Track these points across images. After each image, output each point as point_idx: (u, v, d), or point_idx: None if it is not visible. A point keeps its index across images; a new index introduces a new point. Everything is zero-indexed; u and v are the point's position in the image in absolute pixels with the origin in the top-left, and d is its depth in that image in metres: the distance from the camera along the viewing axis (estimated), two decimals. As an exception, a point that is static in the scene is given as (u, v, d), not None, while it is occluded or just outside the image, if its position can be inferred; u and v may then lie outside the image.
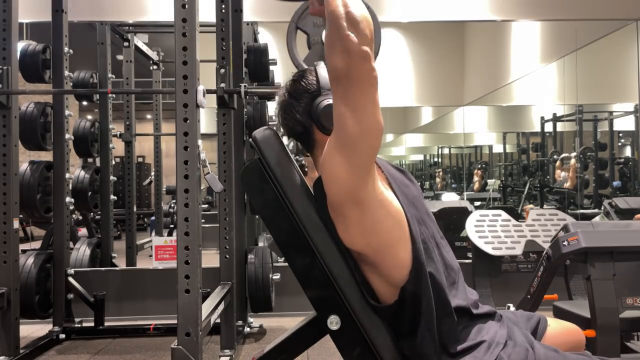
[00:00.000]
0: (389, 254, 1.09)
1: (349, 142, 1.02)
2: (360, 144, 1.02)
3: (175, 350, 1.90)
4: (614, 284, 1.96)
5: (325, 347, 2.87)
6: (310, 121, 1.18)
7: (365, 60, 0.99)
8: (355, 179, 1.04)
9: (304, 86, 1.20)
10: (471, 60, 6.73)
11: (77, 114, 7.80)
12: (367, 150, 1.03)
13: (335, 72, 1.02)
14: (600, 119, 6.33)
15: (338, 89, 1.03)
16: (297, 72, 1.24)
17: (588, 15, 4.36)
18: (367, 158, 1.04)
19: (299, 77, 1.22)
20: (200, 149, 1.99)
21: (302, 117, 1.19)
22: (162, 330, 3.40)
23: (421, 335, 1.08)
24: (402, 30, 6.57)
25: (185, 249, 1.96)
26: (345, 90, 1.01)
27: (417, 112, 8.80)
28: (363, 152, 1.03)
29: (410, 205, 1.14)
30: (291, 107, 1.20)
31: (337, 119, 1.04)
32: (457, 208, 4.51)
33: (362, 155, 1.03)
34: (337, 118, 1.04)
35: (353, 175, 1.03)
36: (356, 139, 1.02)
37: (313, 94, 1.18)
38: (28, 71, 3.40)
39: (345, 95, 1.01)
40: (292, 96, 1.21)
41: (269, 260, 3.26)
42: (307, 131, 1.20)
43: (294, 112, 1.19)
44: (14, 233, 2.84)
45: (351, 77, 1.00)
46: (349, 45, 0.98)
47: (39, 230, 6.70)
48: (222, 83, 2.88)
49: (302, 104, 1.19)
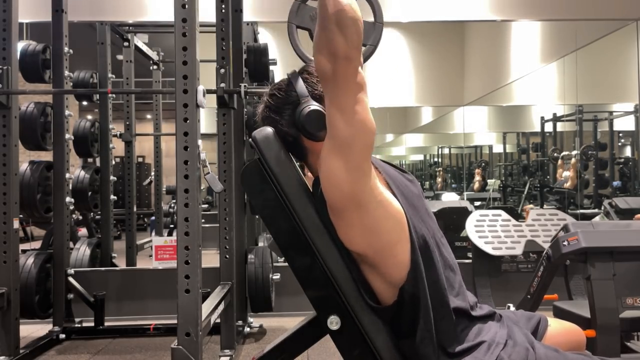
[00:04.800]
0: (389, 255, 1.09)
1: (342, 143, 1.03)
2: (353, 144, 1.02)
3: (175, 350, 1.90)
4: (614, 284, 1.96)
5: (325, 347, 2.87)
6: (297, 131, 1.17)
7: (350, 63, 0.99)
8: (353, 181, 1.04)
9: (283, 98, 1.19)
10: (471, 60, 6.72)
11: (77, 114, 7.80)
12: (361, 149, 1.03)
13: (321, 73, 1.03)
14: (600, 119, 6.32)
15: (326, 91, 1.04)
16: (272, 86, 1.24)
17: (588, 15, 4.36)
18: (362, 158, 1.04)
19: (277, 90, 1.21)
20: (200, 149, 1.99)
21: (287, 128, 1.18)
22: (162, 330, 3.40)
23: (420, 335, 1.08)
24: (402, 30, 6.57)
25: (185, 249, 1.96)
26: (332, 92, 1.02)
27: (417, 112, 8.80)
28: (357, 152, 1.03)
29: (410, 205, 1.14)
30: (275, 122, 1.20)
31: (329, 121, 1.05)
32: (457, 208, 4.51)
33: (357, 155, 1.03)
34: (329, 120, 1.05)
35: (350, 176, 1.03)
36: (349, 140, 1.02)
37: (293, 104, 1.17)
38: (28, 71, 3.40)
39: (333, 97, 1.02)
40: (273, 110, 1.20)
41: (269, 260, 3.26)
42: (296, 141, 1.19)
43: (279, 126, 1.19)
44: (14, 233, 2.84)
45: (337, 80, 1.00)
46: (335, 48, 0.98)
47: (39, 230, 6.71)
48: (222, 83, 2.88)
49: (285, 116, 1.18)
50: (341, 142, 1.03)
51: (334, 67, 0.99)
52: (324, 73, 1.02)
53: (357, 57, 1.01)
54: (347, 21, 0.97)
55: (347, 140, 1.02)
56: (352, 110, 1.01)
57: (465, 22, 6.30)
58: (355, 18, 0.98)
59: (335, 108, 1.02)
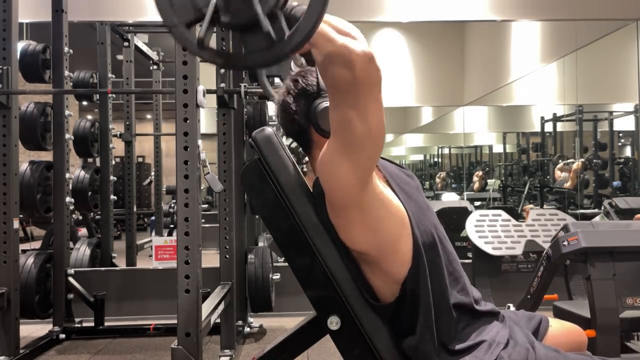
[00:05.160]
0: (392, 251, 1.09)
1: (355, 144, 0.98)
2: (367, 144, 0.99)
3: (175, 350, 1.91)
4: (614, 284, 1.96)
5: (325, 347, 2.87)
6: (308, 122, 1.16)
7: (371, 61, 0.92)
8: (359, 182, 1.02)
9: (303, 86, 1.18)
10: (471, 60, 6.72)
11: (77, 114, 7.79)
12: (371, 152, 1.01)
13: (338, 84, 0.94)
14: (600, 119, 6.32)
15: (341, 97, 0.96)
16: (298, 71, 1.21)
17: (588, 15, 4.36)
18: (372, 159, 1.02)
19: (300, 77, 1.20)
20: (200, 149, 2.00)
21: (300, 117, 1.17)
22: (162, 330, 3.40)
23: (421, 331, 1.08)
24: (402, 30, 6.57)
25: (185, 249, 1.96)
26: (353, 97, 0.95)
27: (417, 112, 8.80)
28: (369, 153, 1.01)
29: (411, 200, 1.14)
30: (289, 107, 1.18)
31: (342, 124, 0.98)
32: (457, 208, 4.50)
33: (368, 157, 1.01)
34: (341, 122, 0.98)
35: (355, 177, 1.02)
36: (364, 140, 0.98)
37: (312, 95, 1.17)
38: (28, 71, 3.41)
39: (352, 101, 0.95)
40: (291, 95, 1.19)
41: (269, 260, 3.26)
42: (305, 132, 1.18)
43: (292, 113, 1.18)
44: (14, 233, 2.84)
45: (359, 83, 0.92)
46: (349, 52, 0.89)
47: (39, 230, 6.70)
48: (222, 83, 2.88)
49: (301, 105, 1.17)
50: (355, 144, 0.98)
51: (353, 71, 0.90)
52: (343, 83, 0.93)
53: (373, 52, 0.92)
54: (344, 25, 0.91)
55: (362, 142, 0.98)
56: (371, 110, 0.96)
57: (465, 22, 6.29)
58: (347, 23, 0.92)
59: (354, 109, 0.95)
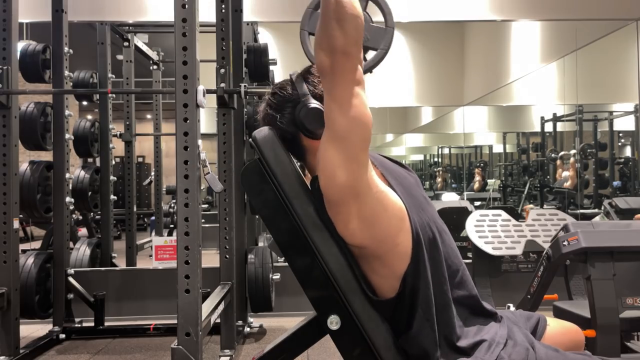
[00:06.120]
0: (392, 244, 1.09)
1: (339, 135, 1.05)
2: (350, 136, 1.05)
3: (175, 350, 1.90)
4: (614, 284, 1.96)
5: (325, 347, 2.87)
6: (296, 129, 1.19)
7: (348, 59, 1.02)
8: (350, 171, 1.05)
9: (284, 96, 1.21)
10: (471, 60, 6.72)
11: (77, 114, 7.80)
12: (357, 141, 1.05)
13: (321, 68, 1.06)
14: (600, 119, 6.32)
15: (325, 85, 1.07)
16: (274, 85, 1.27)
17: (588, 15, 4.36)
18: (358, 149, 1.06)
19: (278, 89, 1.23)
20: (200, 149, 1.99)
21: (287, 126, 1.20)
22: (162, 330, 3.40)
23: (420, 325, 1.08)
24: (402, 30, 6.56)
25: (185, 249, 1.96)
26: (330, 85, 1.05)
27: (417, 112, 8.79)
28: (354, 144, 1.05)
29: (409, 194, 1.15)
30: (275, 120, 1.21)
31: (327, 114, 1.08)
32: (457, 208, 4.50)
33: (354, 147, 1.05)
34: (327, 113, 1.08)
35: (347, 167, 1.05)
36: (345, 131, 1.05)
37: (294, 102, 1.19)
38: (28, 71, 3.40)
39: (330, 90, 1.05)
40: (274, 108, 1.22)
41: (269, 260, 3.26)
42: (295, 139, 1.20)
43: (279, 124, 1.21)
44: (14, 233, 2.84)
45: (335, 74, 1.03)
46: (334, 43, 1.01)
47: (39, 230, 6.71)
48: (222, 83, 2.88)
49: (286, 114, 1.20)
50: (338, 135, 1.05)
51: (332, 61, 1.02)
52: (323, 68, 1.04)
53: (356, 53, 1.03)
54: (347, 17, 0.99)
55: (344, 133, 1.05)
56: (349, 103, 1.04)
57: (465, 22, 6.29)
58: (354, 14, 1.00)
59: (333, 101, 1.05)
